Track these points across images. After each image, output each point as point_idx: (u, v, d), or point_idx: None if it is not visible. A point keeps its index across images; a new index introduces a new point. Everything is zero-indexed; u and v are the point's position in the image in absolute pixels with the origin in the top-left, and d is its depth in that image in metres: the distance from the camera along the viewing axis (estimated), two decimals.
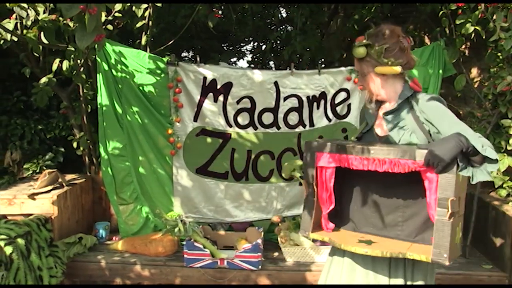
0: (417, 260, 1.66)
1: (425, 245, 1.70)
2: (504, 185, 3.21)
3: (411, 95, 1.83)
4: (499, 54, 3.25)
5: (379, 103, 1.93)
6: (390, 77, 1.83)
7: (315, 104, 3.56)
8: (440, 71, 3.44)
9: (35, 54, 3.45)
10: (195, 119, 3.51)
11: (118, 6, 3.31)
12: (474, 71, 3.99)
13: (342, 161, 1.75)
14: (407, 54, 1.80)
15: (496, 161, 1.56)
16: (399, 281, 1.79)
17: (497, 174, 3.19)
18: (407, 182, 1.71)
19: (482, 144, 1.55)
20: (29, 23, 3.05)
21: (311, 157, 1.82)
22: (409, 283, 1.79)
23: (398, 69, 1.77)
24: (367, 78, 1.86)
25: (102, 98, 3.44)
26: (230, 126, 3.54)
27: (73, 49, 3.34)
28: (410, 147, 1.66)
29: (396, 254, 1.66)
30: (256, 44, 7.05)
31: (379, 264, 1.81)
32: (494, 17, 2.93)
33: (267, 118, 3.54)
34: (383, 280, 1.80)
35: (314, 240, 3.16)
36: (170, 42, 3.95)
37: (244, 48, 7.49)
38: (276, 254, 3.31)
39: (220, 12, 3.66)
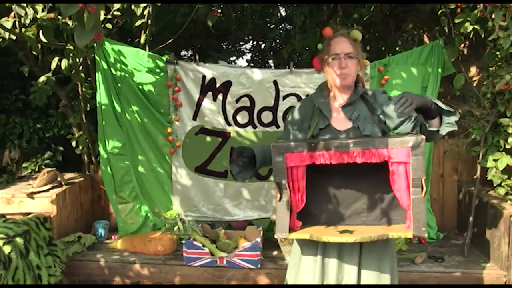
0: (380, 241, 1.82)
1: (394, 225, 1.87)
2: (502, 184, 3.21)
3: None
4: (498, 53, 3.25)
5: (327, 97, 2.06)
6: (359, 68, 2.02)
7: None
8: (439, 70, 3.44)
9: (34, 52, 3.43)
10: (194, 118, 3.51)
11: (117, 5, 3.31)
12: (473, 70, 3.99)
13: (317, 158, 1.82)
14: None
15: (455, 112, 1.79)
16: (371, 266, 1.94)
17: (495, 172, 3.19)
18: (366, 171, 1.85)
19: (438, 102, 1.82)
20: (27, 21, 3.05)
21: (282, 159, 1.85)
22: (375, 263, 1.94)
23: (368, 62, 2.07)
24: (353, 61, 1.97)
25: (101, 97, 3.44)
26: (229, 125, 3.54)
27: (72, 47, 3.34)
28: (380, 137, 1.83)
29: (381, 237, 1.77)
30: (255, 43, 7.04)
31: (348, 254, 1.94)
32: (493, 16, 2.93)
33: (266, 117, 3.54)
34: (354, 268, 1.94)
35: None
36: (169, 41, 3.95)
37: (243, 47, 7.47)
38: (275, 252, 3.31)
39: (219, 11, 3.64)
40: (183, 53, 6.67)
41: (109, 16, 3.33)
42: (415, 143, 1.71)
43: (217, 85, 3.45)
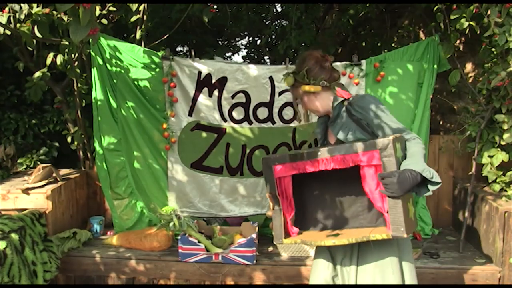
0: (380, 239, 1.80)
1: (385, 226, 1.86)
2: (497, 180, 3.22)
3: (342, 101, 2.04)
4: (493, 49, 3.25)
5: (327, 118, 2.15)
6: (322, 93, 2.05)
7: None
8: (435, 66, 3.44)
9: (29, 48, 3.42)
10: (190, 114, 3.51)
11: None
12: (469, 66, 4.01)
13: (298, 168, 1.93)
14: (328, 70, 2.05)
15: (438, 183, 1.73)
16: (368, 265, 1.95)
17: (490, 169, 3.21)
18: (359, 174, 1.87)
19: (429, 171, 1.72)
20: (22, 16, 3.03)
21: (270, 171, 1.98)
22: (373, 261, 1.93)
23: (318, 87, 2.01)
24: (303, 100, 2.09)
25: (97, 93, 3.42)
26: (225, 120, 3.53)
27: (67, 43, 3.32)
28: (350, 143, 1.84)
29: (360, 239, 1.80)
30: (251, 39, 7.03)
31: (348, 254, 2.00)
32: (488, 12, 2.93)
33: (262, 113, 3.54)
34: (353, 268, 1.98)
35: None
36: (165, 37, 3.93)
37: (239, 42, 7.46)
38: (270, 248, 3.32)
39: (215, 6, 3.63)
40: (178, 48, 6.66)
41: (104, 12, 3.32)
42: (383, 145, 1.73)
43: (213, 81, 3.45)
